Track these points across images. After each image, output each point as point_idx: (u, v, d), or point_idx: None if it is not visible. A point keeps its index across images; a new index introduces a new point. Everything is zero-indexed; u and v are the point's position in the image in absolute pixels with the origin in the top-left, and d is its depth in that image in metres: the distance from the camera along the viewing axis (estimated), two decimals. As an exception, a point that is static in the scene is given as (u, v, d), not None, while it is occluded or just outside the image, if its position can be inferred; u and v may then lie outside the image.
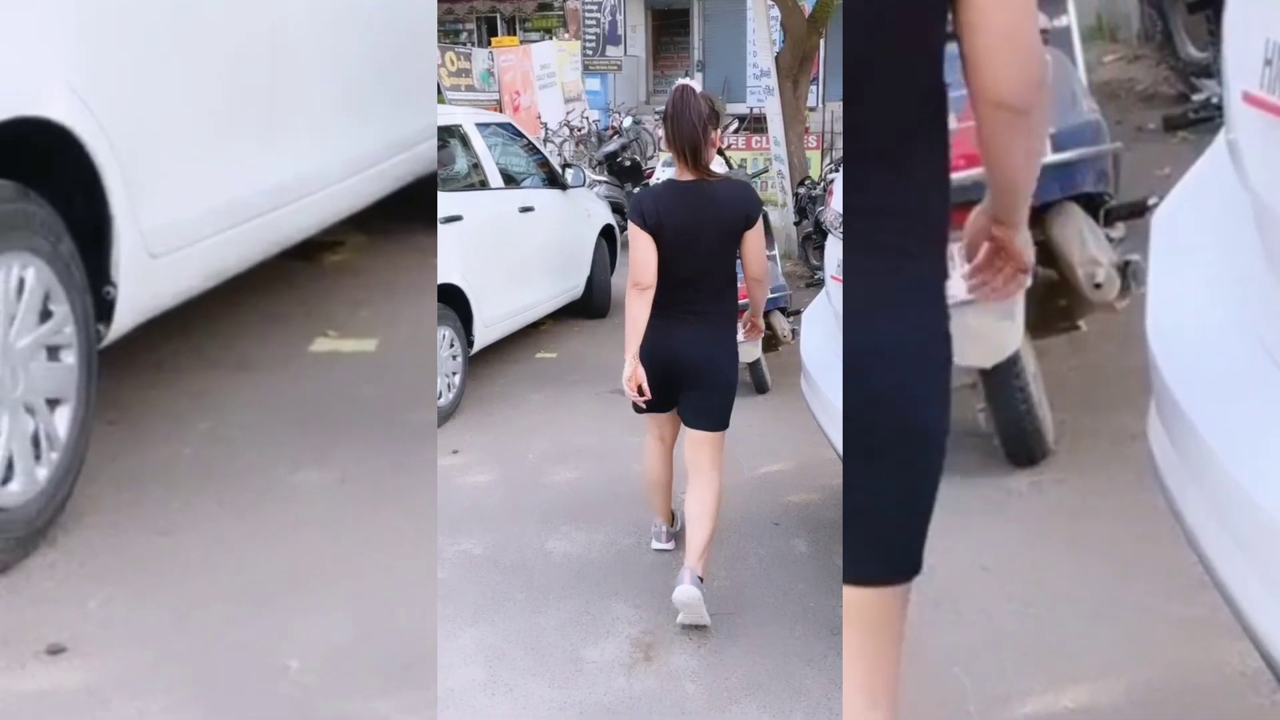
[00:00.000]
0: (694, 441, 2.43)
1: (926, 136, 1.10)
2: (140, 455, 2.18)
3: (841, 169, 2.61)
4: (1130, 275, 2.36)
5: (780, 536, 2.78)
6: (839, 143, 10.72)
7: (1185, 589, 1.84)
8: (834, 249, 2.58)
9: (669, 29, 15.05)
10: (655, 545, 2.72)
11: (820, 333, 2.72)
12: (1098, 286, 2.33)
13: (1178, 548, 1.26)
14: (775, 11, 7.12)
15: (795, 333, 3.77)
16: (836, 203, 2.53)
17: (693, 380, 2.40)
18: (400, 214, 3.28)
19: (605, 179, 7.69)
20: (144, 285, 2.07)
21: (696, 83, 2.40)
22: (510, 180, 4.71)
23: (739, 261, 2.41)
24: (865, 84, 1.09)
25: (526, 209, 4.62)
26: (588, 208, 5.53)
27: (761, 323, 2.72)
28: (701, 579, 2.28)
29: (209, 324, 2.63)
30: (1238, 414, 1.19)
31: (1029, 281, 1.27)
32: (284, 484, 2.07)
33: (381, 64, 2.86)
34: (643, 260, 2.31)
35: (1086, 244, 2.36)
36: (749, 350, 2.97)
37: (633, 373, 2.32)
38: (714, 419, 2.43)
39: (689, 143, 2.25)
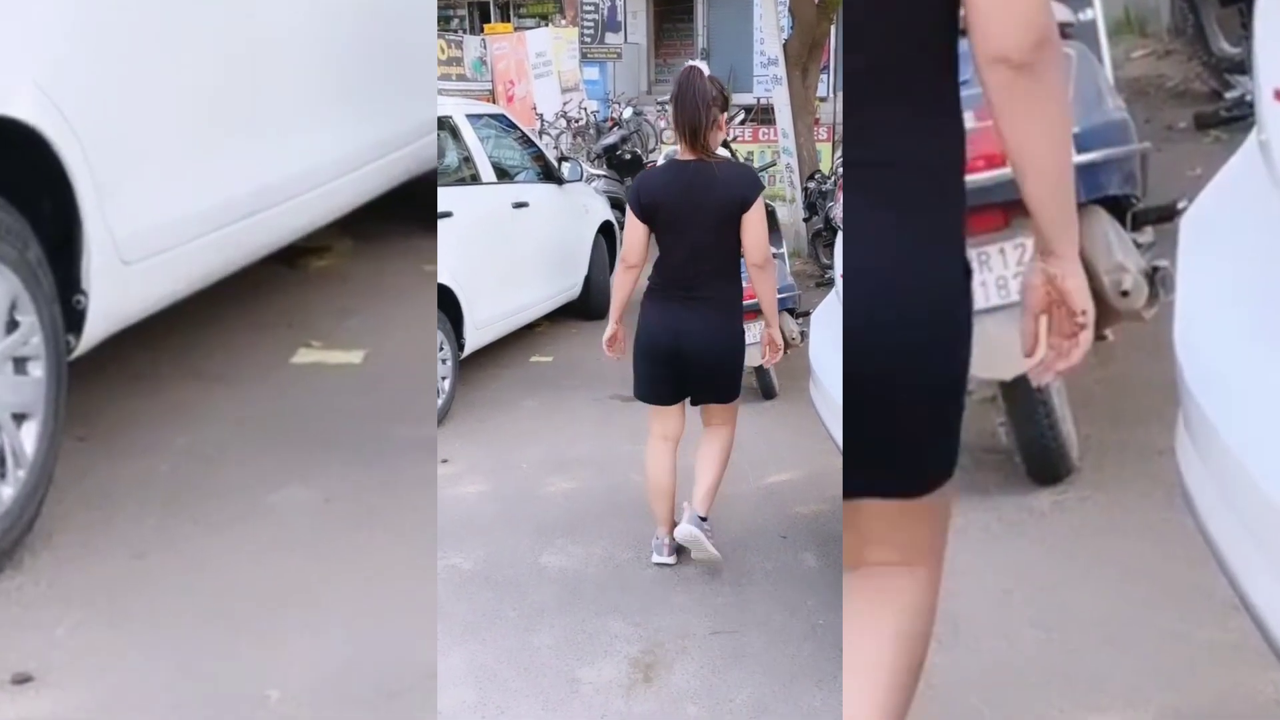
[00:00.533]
0: (707, 408, 2.72)
1: (931, 84, 1.11)
2: (112, 472, 2.16)
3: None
4: (1159, 282, 2.34)
5: (788, 550, 2.76)
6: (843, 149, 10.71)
7: (1217, 613, 1.82)
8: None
9: (671, 15, 15.03)
10: (656, 559, 2.69)
11: (830, 335, 2.70)
12: (1125, 294, 2.31)
13: (1209, 569, 1.23)
14: (782, -4, 7.11)
15: (804, 335, 3.74)
16: (846, 198, 2.50)
17: (699, 368, 2.58)
18: (391, 216, 3.24)
19: (604, 173, 7.67)
20: (116, 293, 2.05)
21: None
22: (503, 175, 4.69)
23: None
24: (866, 29, 1.10)
25: (520, 205, 4.60)
26: (585, 203, 5.51)
27: (779, 336, 2.74)
28: (704, 519, 2.58)
29: (186, 334, 2.61)
30: (1270, 429, 1.16)
31: (1088, 336, 1.20)
32: (265, 503, 2.05)
33: (375, 56, 2.83)
34: (630, 240, 2.56)
35: (1113, 249, 2.33)
36: (754, 353, 2.99)
37: (613, 334, 2.73)
38: (724, 394, 2.68)
39: (690, 123, 2.40)
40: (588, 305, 5.40)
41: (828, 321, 2.78)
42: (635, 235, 2.52)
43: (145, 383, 2.46)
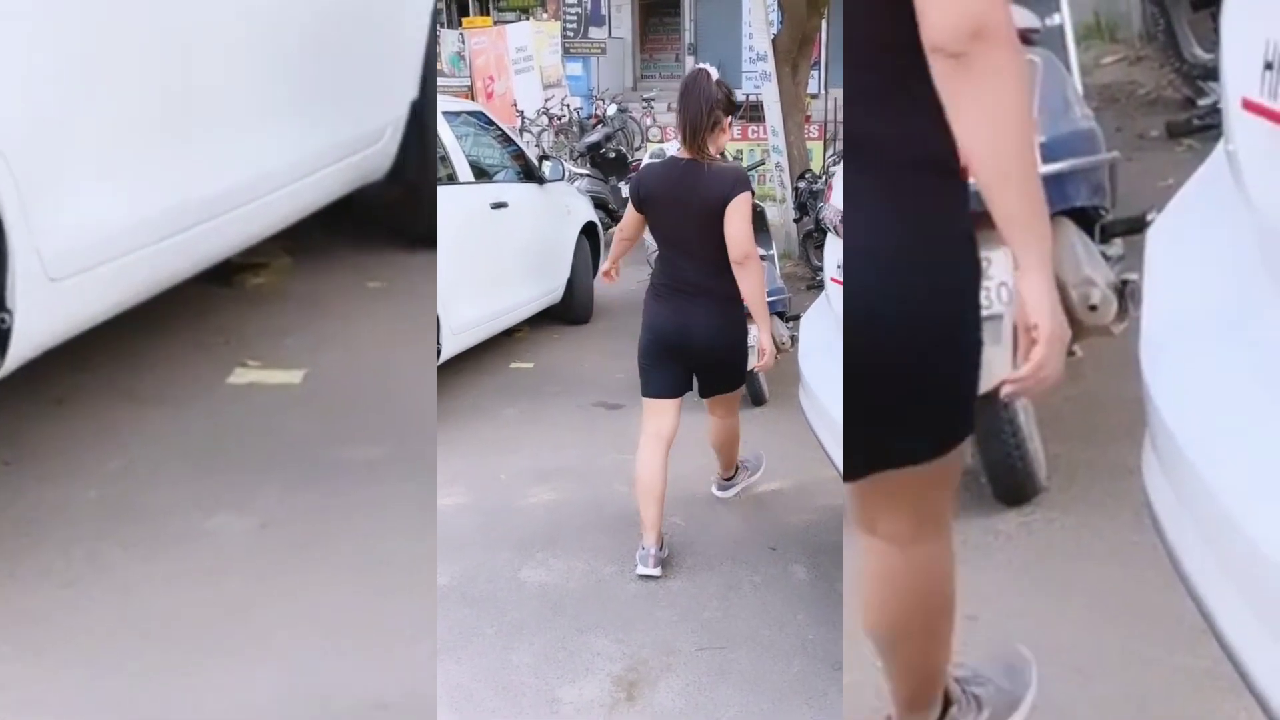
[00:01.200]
0: (713, 401, 2.94)
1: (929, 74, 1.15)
2: (39, 497, 2.12)
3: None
4: (1128, 296, 2.36)
5: (777, 562, 2.78)
6: (842, 133, 10.79)
7: (1188, 638, 1.82)
8: (834, 248, 2.58)
9: (657, 9, 15.11)
10: (640, 570, 2.69)
11: (820, 340, 2.72)
12: (1093, 308, 2.33)
13: (1179, 593, 1.24)
14: (772, -10, 7.15)
15: (794, 339, 3.76)
16: (836, 198, 2.53)
17: (705, 357, 2.79)
18: (333, 229, 3.19)
19: (587, 172, 7.70)
20: (43, 312, 1.99)
21: (688, 67, 2.55)
22: (481, 174, 4.70)
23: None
24: (866, 19, 1.17)
25: (499, 205, 4.62)
26: (568, 204, 5.52)
27: (769, 340, 2.79)
28: (729, 480, 3.17)
29: (117, 354, 2.57)
30: (1238, 448, 1.18)
31: (1041, 353, 1.19)
32: (200, 528, 2.03)
33: (319, 60, 2.74)
34: (626, 221, 2.86)
35: (1080, 263, 2.36)
36: (750, 357, 3.05)
37: (608, 269, 3.09)
38: (732, 382, 2.90)
39: (691, 123, 2.60)
40: (570, 309, 5.41)
41: (818, 326, 2.80)
42: (630, 219, 2.83)
43: (74, 404, 2.43)
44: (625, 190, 7.49)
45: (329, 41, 2.74)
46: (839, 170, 3.41)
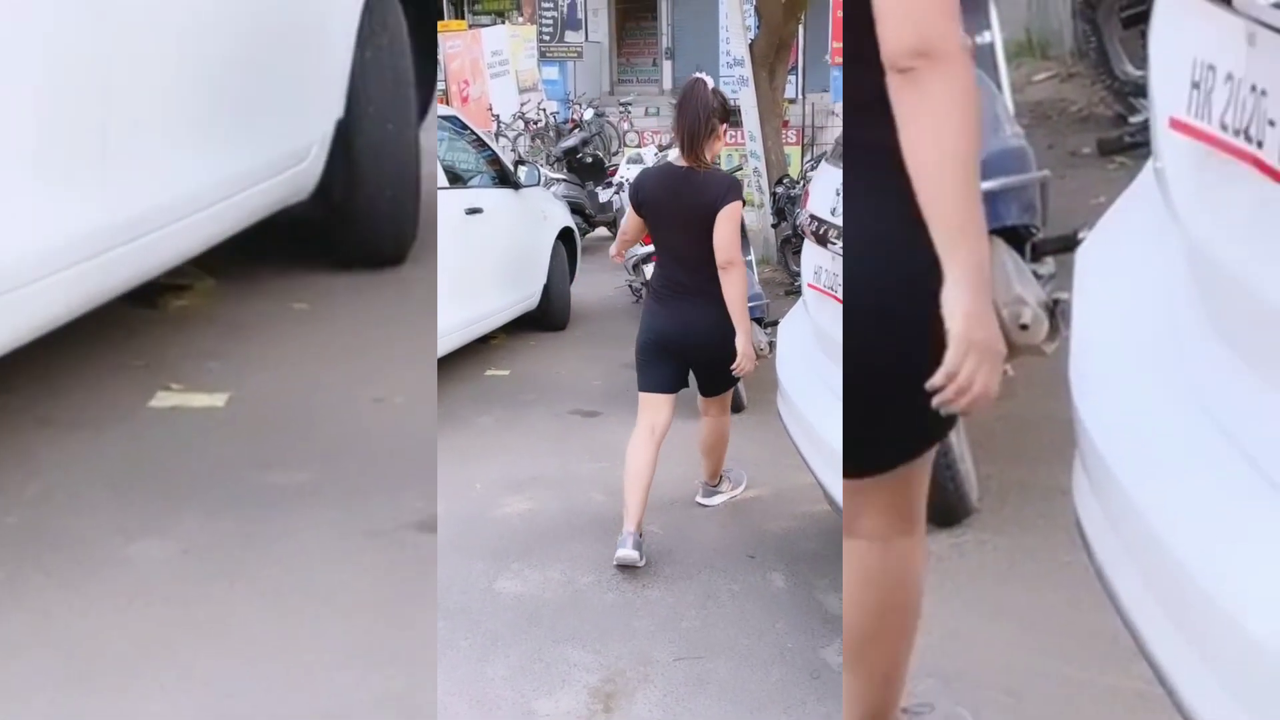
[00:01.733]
0: (708, 400, 3.07)
1: None
2: None
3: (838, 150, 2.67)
4: (1060, 315, 2.39)
5: (755, 570, 2.79)
6: (820, 138, 10.87)
7: (1121, 660, 1.83)
8: (811, 255, 2.60)
9: (634, 13, 15.17)
10: (620, 552, 2.72)
11: (798, 346, 2.75)
12: (1024, 328, 2.36)
13: (1111, 614, 1.26)
14: (749, -6, 7.22)
15: (772, 345, 3.79)
16: (813, 203, 2.56)
17: (701, 356, 2.94)
18: (258, 250, 3.09)
19: (564, 177, 7.71)
20: None
21: (665, 71, 2.58)
22: (456, 179, 4.71)
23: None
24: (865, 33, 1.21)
25: (474, 211, 4.62)
26: (544, 209, 5.53)
27: (749, 349, 2.88)
28: (714, 486, 3.22)
29: (35, 378, 2.50)
30: (1167, 469, 1.20)
31: (968, 372, 1.24)
32: (121, 555, 1.98)
33: (248, 80, 2.65)
34: (628, 224, 3.04)
35: (1011, 281, 2.38)
36: None
37: (617, 250, 3.28)
38: (722, 384, 3.03)
39: (690, 130, 2.74)
40: (546, 316, 5.42)
41: (796, 332, 2.83)
42: (632, 222, 3.01)
43: (-10, 431, 2.38)
44: (602, 196, 7.52)
45: (251, 61, 2.66)
46: (816, 176, 3.44)
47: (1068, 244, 2.54)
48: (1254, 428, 1.13)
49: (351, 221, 3.01)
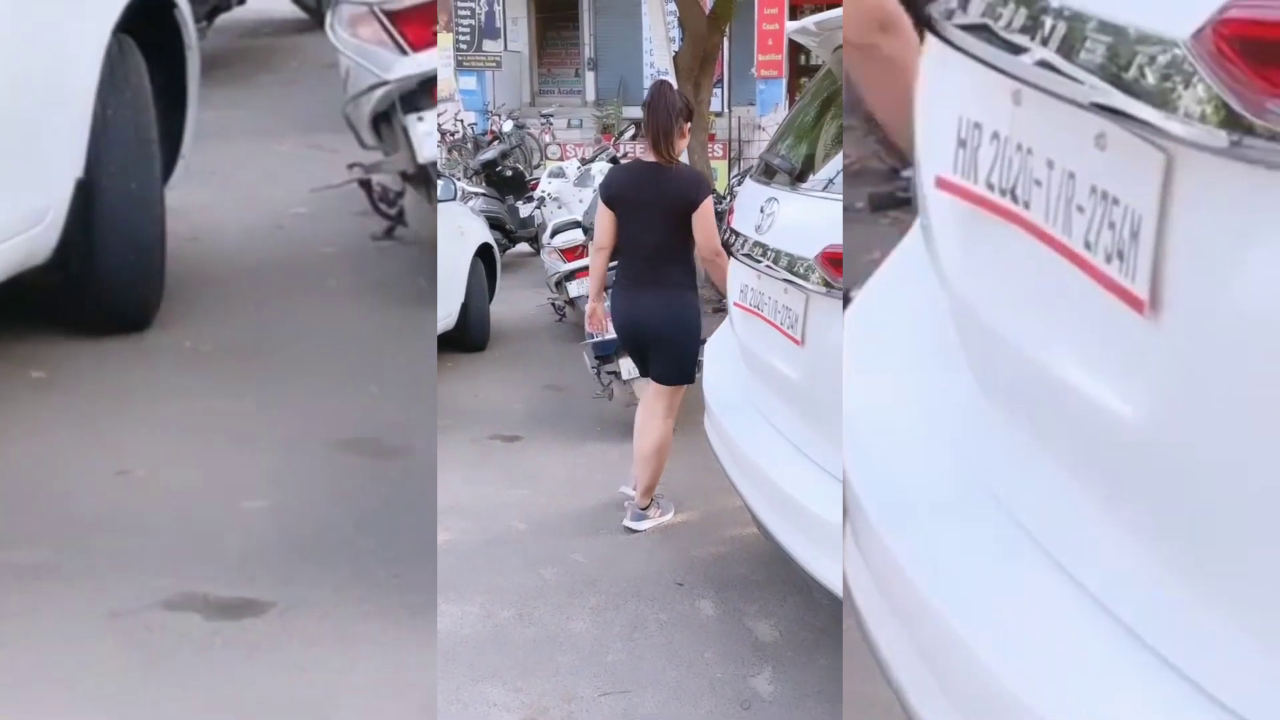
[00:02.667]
0: (656, 393, 3.24)
1: None
2: None
3: (747, 181, 2.73)
4: None
5: (684, 598, 2.78)
6: (747, 151, 11.03)
7: None
8: (736, 272, 2.62)
9: (555, 22, 15.19)
10: (626, 522, 3.20)
11: (726, 366, 2.76)
12: None
13: (881, 682, 1.29)
14: (672, 6, 7.29)
15: (699, 365, 3.81)
16: (737, 220, 2.58)
17: (657, 341, 3.17)
18: None
19: (483, 191, 7.65)
20: None
21: (588, 83, 2.61)
22: (368, 192, 4.60)
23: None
24: None
25: (387, 225, 4.53)
26: (461, 224, 5.47)
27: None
28: (644, 509, 3.26)
29: None
30: (931, 528, 1.24)
31: None
32: None
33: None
34: (600, 226, 3.24)
35: None
36: None
37: (592, 310, 3.43)
38: (676, 373, 3.21)
39: (663, 129, 3.04)
40: (464, 336, 5.34)
41: (722, 353, 2.84)
42: (603, 224, 3.21)
43: None
44: (523, 210, 7.48)
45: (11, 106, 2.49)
46: (740, 192, 3.49)
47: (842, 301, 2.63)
48: (1020, 490, 1.16)
49: (92, 286, 2.85)
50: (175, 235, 3.14)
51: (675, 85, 6.72)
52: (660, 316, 3.13)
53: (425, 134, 3.09)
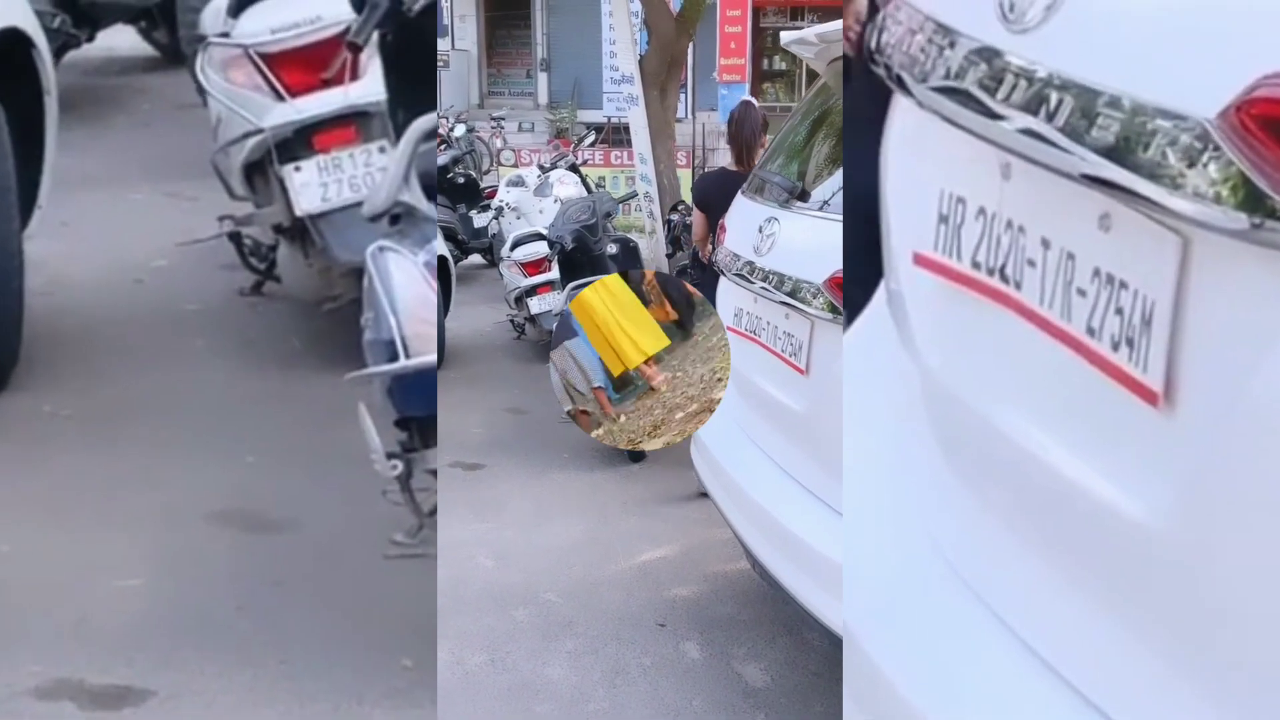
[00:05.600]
0: None
1: None
2: None
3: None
4: None
5: (667, 640, 2.76)
6: (712, 160, 11.09)
7: None
8: (729, 295, 2.61)
9: (506, 20, 15.19)
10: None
11: (711, 392, 2.75)
12: None
13: None
14: (636, 6, 7.31)
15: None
16: (731, 240, 2.57)
17: None
18: None
19: (433, 199, 7.56)
20: None
21: (541, 84, 2.65)
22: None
23: None
24: None
25: (337, 236, 4.46)
26: (414, 235, 5.41)
27: None
28: None
29: None
30: (898, 614, 1.27)
31: None
32: None
33: None
34: (697, 227, 4.03)
35: None
36: None
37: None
38: None
39: (746, 144, 3.75)
40: (417, 355, 5.27)
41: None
42: (699, 223, 3.98)
43: None
44: (477, 220, 7.41)
45: None
46: (733, 210, 3.54)
47: None
48: (986, 570, 1.17)
49: None
50: (28, 289, 3.02)
51: (640, 93, 6.77)
52: None
53: (303, 185, 2.93)
